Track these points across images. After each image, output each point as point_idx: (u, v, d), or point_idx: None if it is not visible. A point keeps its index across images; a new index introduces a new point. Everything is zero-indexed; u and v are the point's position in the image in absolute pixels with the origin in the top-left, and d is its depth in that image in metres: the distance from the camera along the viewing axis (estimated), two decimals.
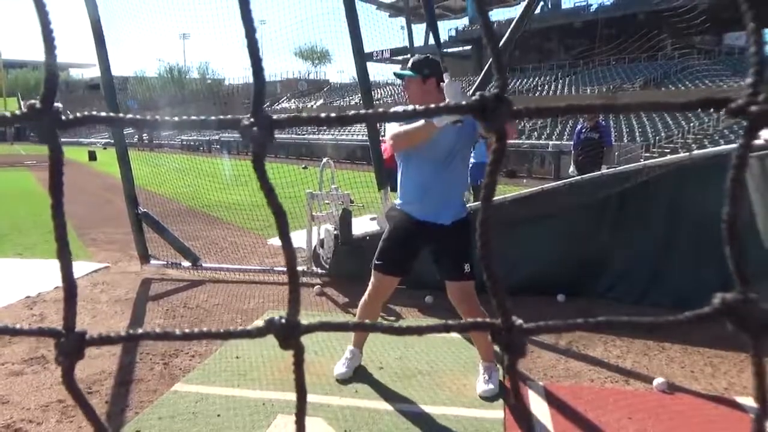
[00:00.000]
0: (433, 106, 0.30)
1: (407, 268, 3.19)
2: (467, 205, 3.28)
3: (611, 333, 3.89)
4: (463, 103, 0.28)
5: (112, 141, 6.98)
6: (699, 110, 0.32)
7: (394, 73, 3.26)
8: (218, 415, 2.83)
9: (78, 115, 0.27)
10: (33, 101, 0.28)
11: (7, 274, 5.61)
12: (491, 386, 3.06)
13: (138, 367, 3.43)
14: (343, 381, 3.20)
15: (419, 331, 0.28)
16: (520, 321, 0.28)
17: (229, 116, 0.28)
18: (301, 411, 0.30)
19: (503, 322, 0.27)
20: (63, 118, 0.27)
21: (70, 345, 0.27)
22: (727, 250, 0.32)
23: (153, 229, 5.86)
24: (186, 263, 5.76)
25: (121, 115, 0.30)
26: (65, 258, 0.27)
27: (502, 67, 0.27)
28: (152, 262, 5.92)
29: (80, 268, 5.82)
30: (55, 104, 0.27)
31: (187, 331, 0.29)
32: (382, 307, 3.41)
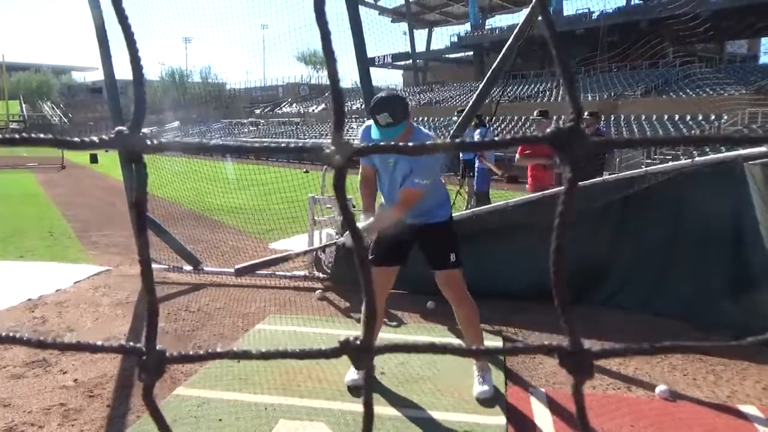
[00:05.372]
0: (508, 137, 0.31)
1: (396, 257, 3.24)
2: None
3: (619, 340, 3.88)
4: (539, 135, 0.29)
5: None
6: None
7: (381, 136, 2.90)
8: (220, 420, 2.83)
9: (162, 140, 0.28)
10: (121, 127, 0.28)
11: (8, 277, 5.61)
12: (486, 387, 3.11)
13: None
14: (356, 389, 3.17)
15: (487, 352, 0.29)
16: (587, 345, 0.29)
17: (310, 143, 0.29)
18: (367, 427, 0.31)
19: (572, 345, 0.28)
20: (148, 142, 0.28)
21: (153, 363, 0.28)
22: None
23: (155, 233, 5.85)
24: (187, 267, 5.76)
25: (203, 141, 0.30)
26: (149, 282, 0.28)
27: (576, 100, 0.28)
28: (153, 265, 5.91)
29: (82, 271, 5.82)
30: (143, 131, 0.28)
31: (263, 350, 0.29)
32: (385, 313, 3.40)
